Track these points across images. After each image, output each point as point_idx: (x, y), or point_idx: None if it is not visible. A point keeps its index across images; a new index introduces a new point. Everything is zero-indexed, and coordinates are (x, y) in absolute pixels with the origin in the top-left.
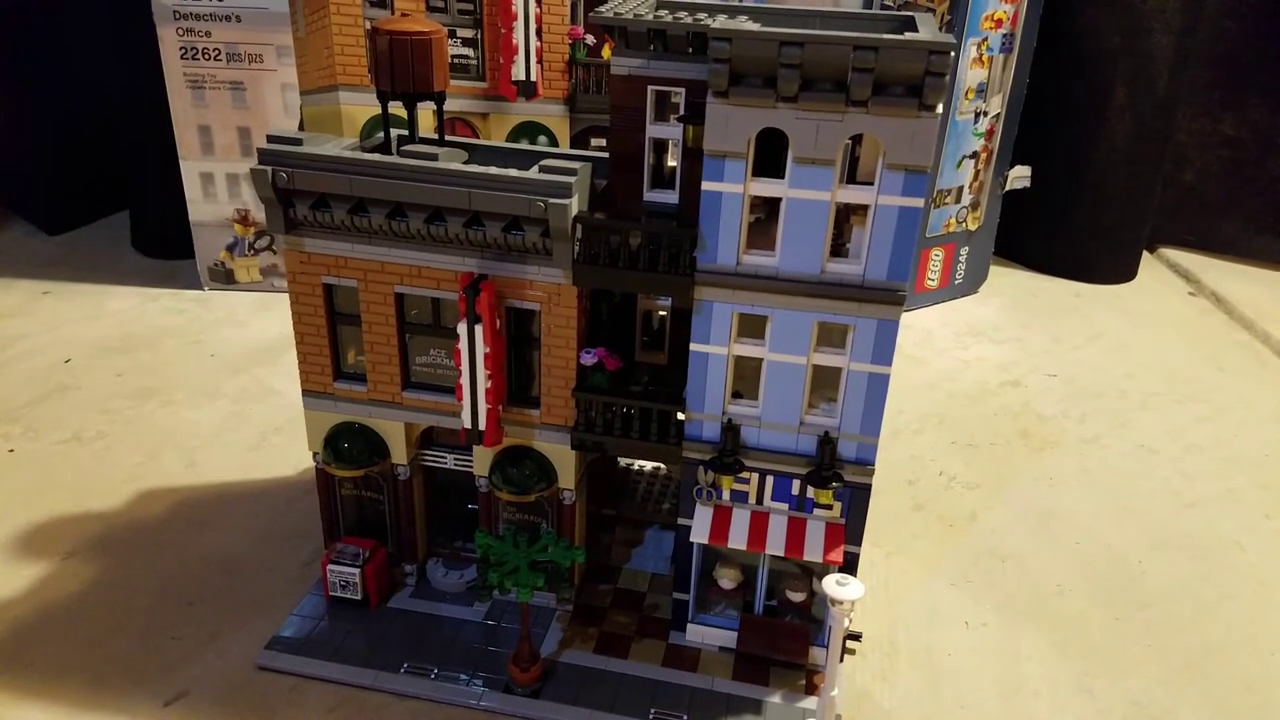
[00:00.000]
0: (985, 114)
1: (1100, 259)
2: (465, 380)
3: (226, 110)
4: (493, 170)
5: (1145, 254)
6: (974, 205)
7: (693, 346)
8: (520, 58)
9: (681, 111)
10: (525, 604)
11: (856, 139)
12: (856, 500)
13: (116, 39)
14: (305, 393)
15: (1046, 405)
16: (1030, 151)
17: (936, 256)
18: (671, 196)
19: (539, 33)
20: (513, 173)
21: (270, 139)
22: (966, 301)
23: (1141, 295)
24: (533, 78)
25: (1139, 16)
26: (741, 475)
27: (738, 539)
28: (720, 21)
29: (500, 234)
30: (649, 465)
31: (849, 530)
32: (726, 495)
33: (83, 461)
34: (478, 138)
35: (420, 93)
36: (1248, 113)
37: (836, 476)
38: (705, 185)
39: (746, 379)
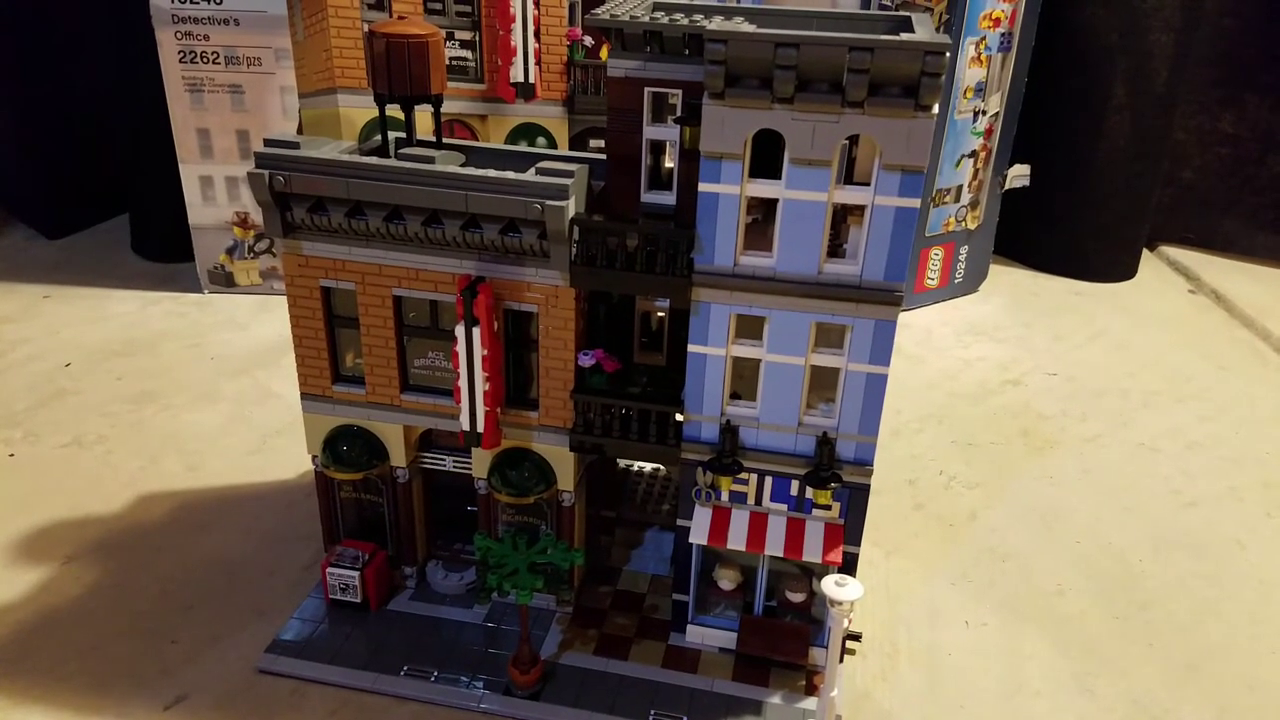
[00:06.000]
0: (984, 113)
1: (1100, 257)
2: (464, 382)
3: (225, 113)
4: (490, 173)
5: (1145, 252)
6: (973, 204)
7: (691, 348)
8: (518, 59)
9: (678, 113)
10: (525, 606)
11: (853, 140)
12: (855, 500)
13: (115, 43)
14: (304, 396)
15: (1047, 404)
16: (1029, 150)
17: (936, 255)
18: (669, 198)
19: (537, 34)
20: (510, 175)
21: (268, 142)
22: (966, 300)
23: (1142, 293)
24: (531, 79)
25: (1138, 14)
26: (740, 476)
27: (737, 540)
28: (716, 23)
29: (498, 236)
30: (648, 467)
31: (848, 530)
32: (725, 496)
33: (83, 466)
34: (476, 140)
35: (418, 95)
36: (1247, 110)
37: (835, 477)
38: (702, 186)
39: (745, 380)
